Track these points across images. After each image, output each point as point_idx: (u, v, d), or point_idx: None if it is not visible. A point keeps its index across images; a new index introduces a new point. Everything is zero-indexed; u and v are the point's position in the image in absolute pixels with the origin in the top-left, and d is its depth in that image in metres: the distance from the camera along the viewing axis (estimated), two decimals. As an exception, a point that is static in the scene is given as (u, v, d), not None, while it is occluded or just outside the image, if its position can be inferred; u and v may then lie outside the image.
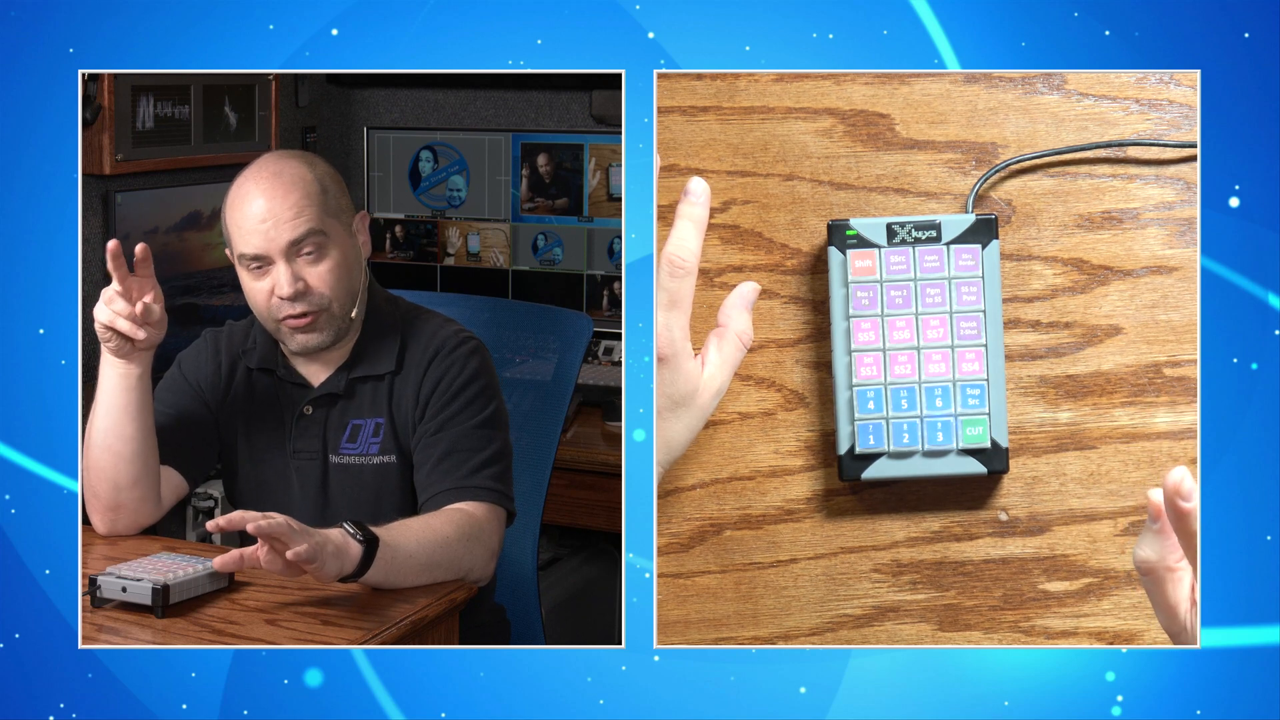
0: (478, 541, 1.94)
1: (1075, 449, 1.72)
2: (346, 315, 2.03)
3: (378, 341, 2.08)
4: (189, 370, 2.13)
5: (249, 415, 2.11)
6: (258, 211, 1.97)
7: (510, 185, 3.58)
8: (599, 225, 3.51)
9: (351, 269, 2.04)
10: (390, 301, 2.14)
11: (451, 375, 2.04)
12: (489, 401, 2.06)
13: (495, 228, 3.60)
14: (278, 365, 2.10)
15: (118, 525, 2.02)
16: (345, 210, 2.05)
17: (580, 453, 2.96)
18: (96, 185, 2.97)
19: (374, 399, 2.07)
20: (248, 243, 1.98)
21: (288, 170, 2.01)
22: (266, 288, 1.99)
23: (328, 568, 1.73)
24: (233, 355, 2.13)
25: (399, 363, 2.07)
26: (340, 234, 2.02)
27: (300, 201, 1.98)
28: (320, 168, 2.05)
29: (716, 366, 1.61)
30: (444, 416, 2.03)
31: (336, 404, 2.08)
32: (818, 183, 1.73)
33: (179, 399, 2.10)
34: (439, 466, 2.00)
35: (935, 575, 1.72)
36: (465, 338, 2.09)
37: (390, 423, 2.06)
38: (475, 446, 2.02)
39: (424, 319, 2.12)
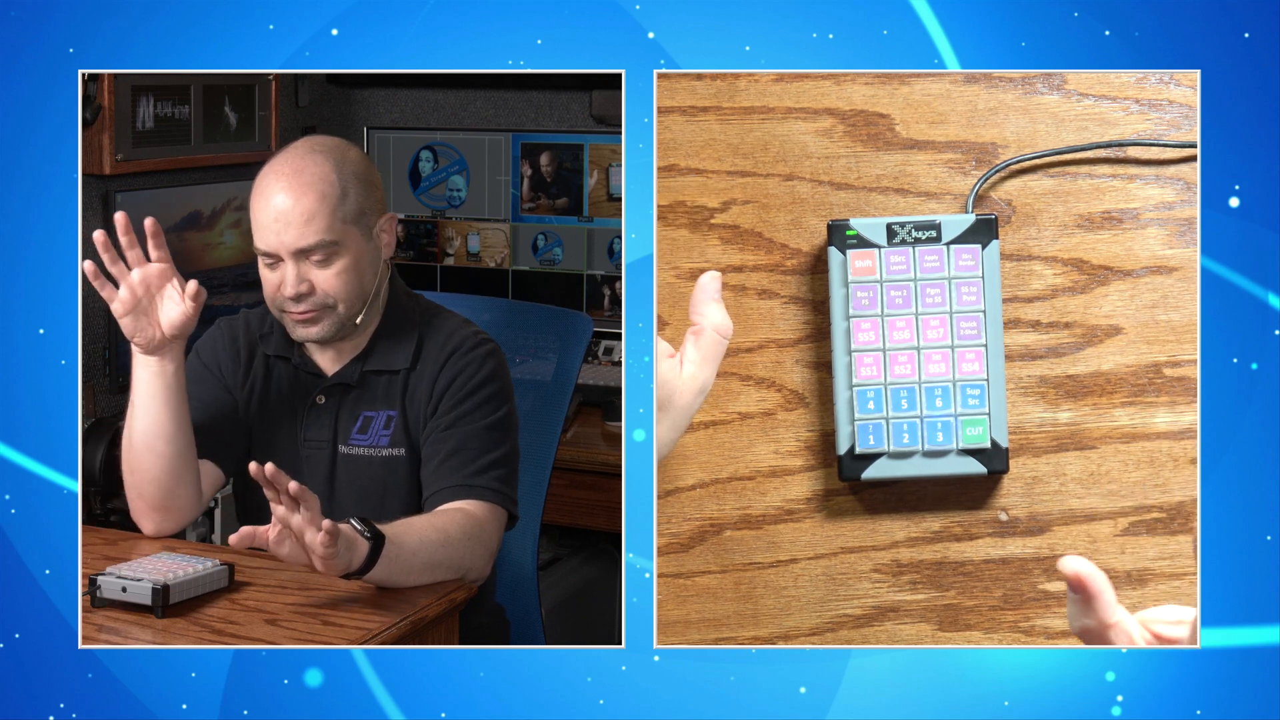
0: (478, 541, 1.94)
1: (1075, 449, 1.72)
2: (353, 317, 2.03)
3: (395, 336, 2.08)
4: (208, 359, 2.12)
5: (264, 402, 2.11)
6: (273, 209, 1.97)
7: (510, 185, 3.57)
8: (599, 225, 3.51)
9: (364, 272, 2.03)
10: (411, 298, 2.14)
11: (467, 374, 2.05)
12: (501, 404, 2.06)
13: (495, 228, 3.60)
14: (293, 353, 2.10)
15: (165, 525, 2.01)
16: (368, 212, 2.03)
17: (580, 453, 2.96)
18: (96, 185, 2.97)
19: (387, 392, 2.07)
20: (261, 238, 1.99)
21: (310, 168, 1.98)
22: (275, 280, 2.00)
23: (339, 558, 1.73)
24: (251, 341, 2.12)
25: (414, 359, 2.07)
26: (355, 238, 2.01)
27: (314, 206, 1.96)
28: (350, 165, 2.01)
29: (696, 365, 1.55)
30: (456, 414, 2.03)
31: (349, 394, 2.08)
32: (818, 183, 1.73)
33: (204, 390, 2.08)
34: (446, 463, 2.01)
35: (935, 575, 1.72)
36: (483, 339, 2.10)
37: (402, 416, 2.06)
38: (484, 447, 2.02)
39: (443, 318, 2.13)
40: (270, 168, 2.00)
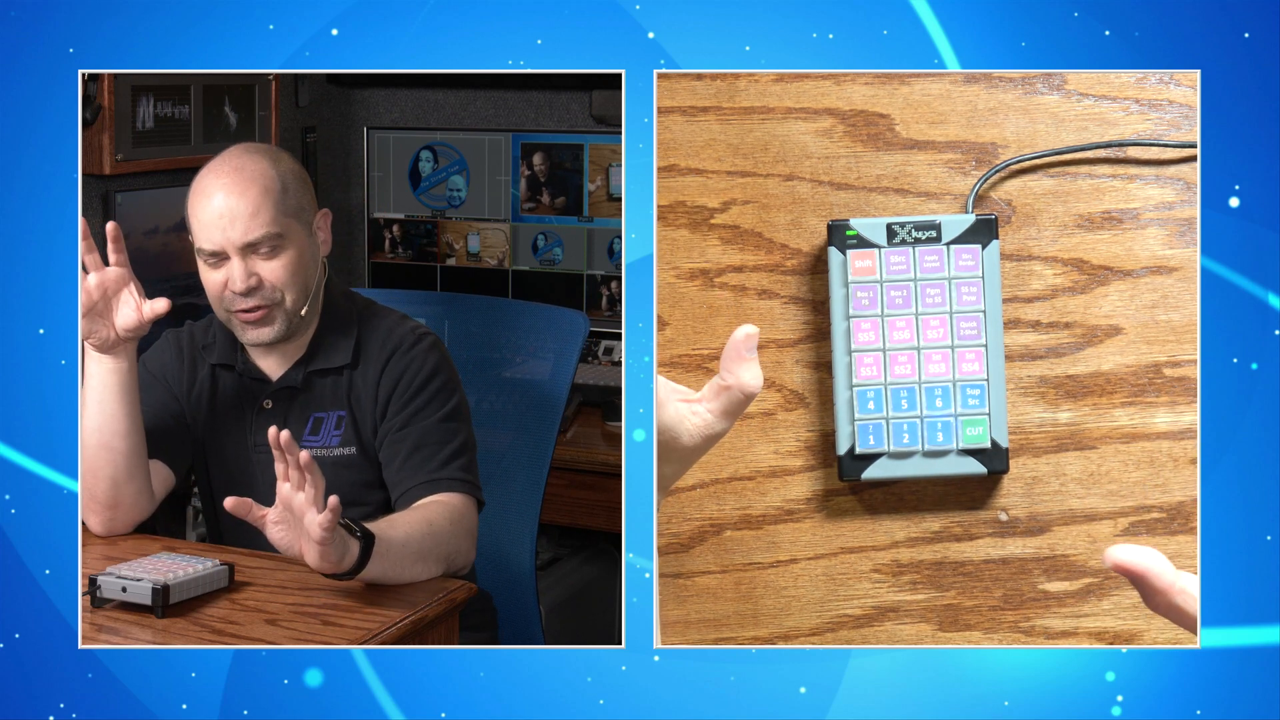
0: (461, 528, 1.97)
1: (1075, 449, 1.72)
2: (298, 310, 2.05)
3: (334, 336, 2.10)
4: (155, 368, 2.15)
5: (212, 411, 2.13)
6: (217, 207, 2.00)
7: (510, 185, 3.57)
8: (599, 225, 3.51)
9: (307, 266, 2.06)
10: (347, 297, 2.16)
11: (412, 372, 2.07)
12: (450, 395, 2.08)
13: (495, 228, 3.60)
14: (237, 360, 2.12)
15: (116, 523, 2.03)
16: (306, 209, 2.07)
17: (580, 453, 2.96)
18: (96, 185, 2.97)
19: (334, 392, 2.09)
20: (205, 238, 2.01)
21: (250, 166, 2.02)
22: (221, 279, 2.02)
23: (334, 552, 1.73)
24: (194, 352, 2.15)
25: (354, 357, 2.09)
26: (298, 232, 2.04)
27: (259, 200, 2.00)
28: (285, 164, 2.06)
29: (715, 416, 1.43)
30: (409, 412, 2.05)
31: (296, 398, 2.10)
32: (818, 183, 1.73)
33: (152, 394, 2.11)
34: (409, 462, 2.03)
35: (935, 575, 1.72)
36: (422, 334, 2.12)
37: (351, 415, 2.08)
38: (442, 440, 2.04)
39: (380, 315, 2.15)
40: (208, 170, 2.04)
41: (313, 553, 1.73)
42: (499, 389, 2.49)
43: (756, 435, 1.73)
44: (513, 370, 2.48)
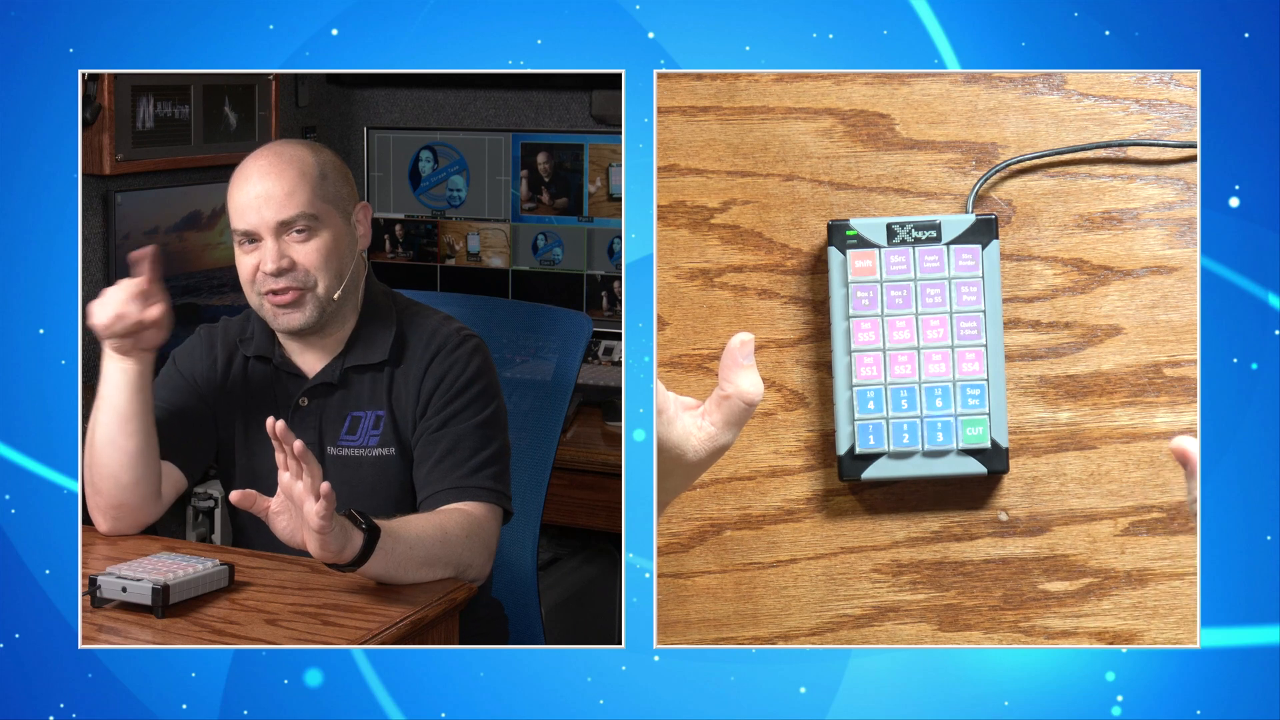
0: (477, 540, 1.94)
1: (1075, 449, 1.72)
2: (330, 297, 2.03)
3: (372, 331, 2.09)
4: (184, 366, 2.13)
5: (246, 406, 2.11)
6: (254, 188, 2.00)
7: (510, 185, 3.58)
8: (599, 225, 3.51)
9: (342, 252, 2.05)
10: (387, 295, 2.15)
11: (455, 373, 2.05)
12: (490, 401, 2.07)
13: (495, 228, 3.60)
14: (274, 354, 2.10)
15: (120, 524, 2.02)
16: (344, 198, 2.07)
17: (580, 453, 2.96)
18: (96, 185, 2.97)
19: (373, 391, 2.07)
20: (241, 218, 2.01)
21: (288, 152, 2.04)
22: (254, 262, 2.01)
23: (334, 539, 1.73)
24: (229, 346, 2.13)
25: (395, 354, 2.07)
26: (334, 219, 2.04)
27: (295, 181, 2.00)
28: (325, 155, 2.08)
29: (719, 428, 1.40)
30: (446, 414, 2.03)
31: (333, 395, 2.08)
32: (818, 183, 1.73)
33: (175, 394, 2.10)
34: (440, 465, 2.01)
35: (935, 575, 1.72)
36: (467, 335, 2.10)
37: (390, 415, 2.07)
38: (476, 446, 2.02)
39: (424, 314, 2.13)
40: (248, 160, 2.05)
41: (313, 541, 1.73)
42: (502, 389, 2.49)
43: (756, 435, 1.73)
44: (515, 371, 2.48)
